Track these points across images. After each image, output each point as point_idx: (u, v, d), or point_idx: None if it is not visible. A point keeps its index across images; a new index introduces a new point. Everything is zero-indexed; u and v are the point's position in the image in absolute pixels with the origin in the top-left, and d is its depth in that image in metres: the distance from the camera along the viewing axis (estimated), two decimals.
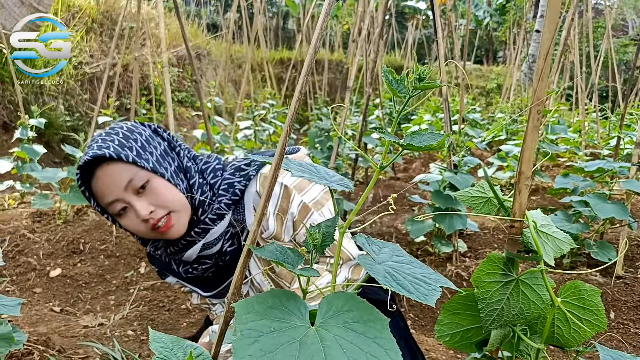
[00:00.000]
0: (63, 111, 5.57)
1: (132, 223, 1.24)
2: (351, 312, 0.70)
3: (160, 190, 1.23)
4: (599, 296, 1.10)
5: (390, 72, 0.86)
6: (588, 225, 2.89)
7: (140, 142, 1.25)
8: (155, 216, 1.22)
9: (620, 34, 19.06)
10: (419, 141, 0.82)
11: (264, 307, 0.69)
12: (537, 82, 1.02)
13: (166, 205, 1.24)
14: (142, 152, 1.23)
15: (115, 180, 1.20)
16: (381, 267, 0.79)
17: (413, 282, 0.77)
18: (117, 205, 1.23)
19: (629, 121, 5.91)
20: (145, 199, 1.22)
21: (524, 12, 10.52)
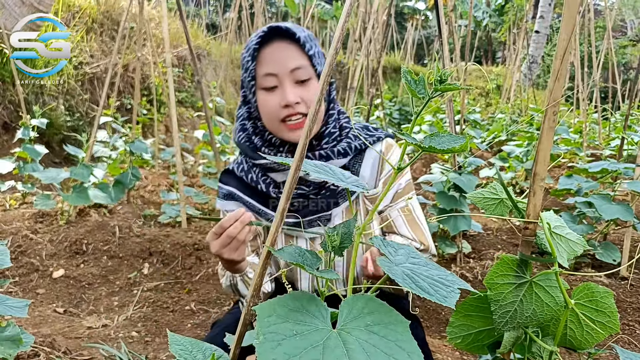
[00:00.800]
0: (63, 111, 5.55)
1: (272, 104, 1.28)
2: (372, 315, 0.70)
3: (314, 92, 1.28)
4: (612, 298, 1.10)
5: (410, 73, 0.85)
6: (592, 227, 2.89)
7: (317, 49, 1.32)
8: (297, 108, 1.27)
9: (619, 34, 19.10)
10: (439, 143, 0.81)
11: (286, 310, 0.68)
12: (554, 83, 1.01)
13: (310, 106, 1.29)
14: (317, 56, 1.30)
15: (288, 58, 1.26)
16: (399, 268, 0.79)
17: (432, 284, 0.76)
18: (271, 80, 1.27)
19: (630, 121, 5.92)
20: (298, 90, 1.27)
21: (524, 13, 10.52)
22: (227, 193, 1.46)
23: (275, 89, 1.28)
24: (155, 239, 3.16)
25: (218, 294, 2.75)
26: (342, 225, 0.85)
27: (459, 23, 14.85)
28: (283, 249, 0.82)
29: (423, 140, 0.85)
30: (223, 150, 4.54)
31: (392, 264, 0.80)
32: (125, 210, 3.62)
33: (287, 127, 1.29)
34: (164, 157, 4.85)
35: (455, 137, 0.82)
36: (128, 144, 3.65)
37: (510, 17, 12.95)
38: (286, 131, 1.30)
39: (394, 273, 0.75)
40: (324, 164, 0.91)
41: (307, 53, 1.26)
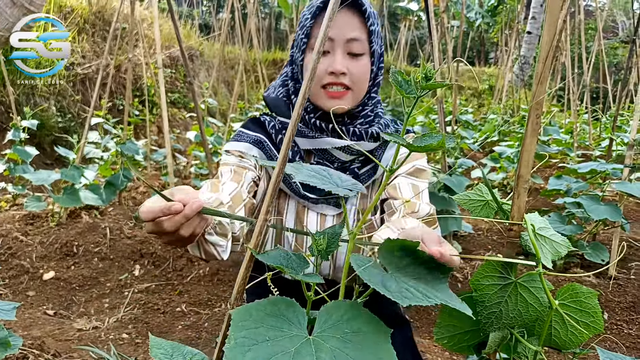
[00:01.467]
0: (55, 112, 5.53)
1: (326, 68, 1.25)
2: (351, 323, 0.69)
3: (363, 69, 1.26)
4: (596, 298, 1.11)
5: (400, 74, 0.86)
6: (581, 227, 2.91)
7: (378, 28, 1.29)
8: (342, 79, 1.24)
9: (611, 35, 19.20)
10: (420, 142, 0.82)
11: (262, 315, 0.68)
12: (536, 86, 1.02)
13: (355, 81, 1.26)
14: (376, 35, 1.27)
15: (348, 26, 1.23)
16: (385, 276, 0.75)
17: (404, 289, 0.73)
18: (325, 43, 1.25)
19: (619, 122, 5.96)
20: (348, 62, 1.24)
21: (516, 14, 10.57)
22: (257, 140, 1.35)
23: (326, 53, 1.25)
24: (147, 240, 3.16)
25: (209, 295, 2.75)
26: (329, 228, 0.84)
27: (451, 24, 14.90)
28: (267, 253, 0.80)
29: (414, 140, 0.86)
30: (215, 151, 4.53)
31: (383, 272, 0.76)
32: (117, 211, 3.61)
33: (326, 93, 1.26)
34: (156, 158, 4.85)
35: (432, 136, 0.83)
36: (119, 145, 3.64)
37: (503, 18, 13.01)
38: (325, 98, 1.27)
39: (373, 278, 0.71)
40: (321, 169, 0.89)
41: (369, 27, 1.24)
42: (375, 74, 1.32)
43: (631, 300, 2.53)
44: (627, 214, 3.74)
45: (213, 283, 2.87)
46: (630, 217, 3.90)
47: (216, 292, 2.78)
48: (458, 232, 3.36)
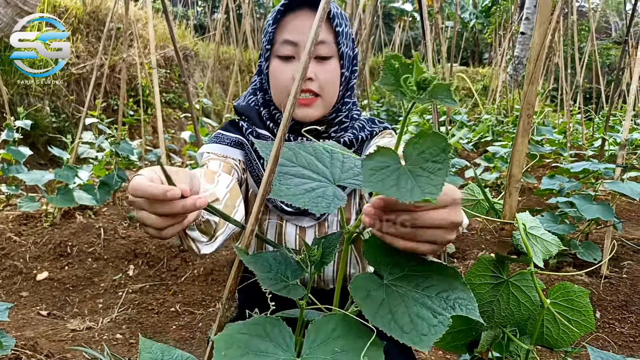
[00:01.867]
0: (49, 112, 5.52)
1: (285, 74, 1.19)
2: (341, 339, 0.65)
3: (332, 73, 1.20)
4: (587, 297, 1.12)
5: (396, 58, 0.82)
6: (574, 226, 2.92)
7: (347, 29, 1.23)
8: (309, 85, 1.18)
9: (604, 36, 19.30)
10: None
11: (247, 338, 0.64)
12: (527, 86, 1.03)
13: (323, 87, 1.20)
14: (345, 36, 1.21)
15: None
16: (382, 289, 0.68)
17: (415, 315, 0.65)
18: (289, 48, 1.18)
19: (612, 122, 6.00)
20: (315, 67, 1.18)
21: (510, 15, 10.61)
22: (238, 141, 1.28)
23: (292, 59, 1.19)
24: (141, 240, 3.15)
25: (204, 295, 2.75)
26: (324, 238, 0.79)
27: (445, 24, 14.93)
28: (256, 256, 0.77)
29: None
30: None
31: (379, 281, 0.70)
32: (111, 212, 3.60)
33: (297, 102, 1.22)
34: (151, 158, 4.84)
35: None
36: (114, 145, 3.64)
37: (497, 18, 13.06)
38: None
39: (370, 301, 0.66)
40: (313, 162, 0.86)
41: (335, 28, 1.17)
42: (348, 78, 1.27)
43: (623, 299, 2.55)
44: (619, 213, 3.76)
45: (207, 283, 2.87)
46: (622, 216, 3.93)
47: (210, 292, 2.78)
48: None
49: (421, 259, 0.75)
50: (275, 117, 1.27)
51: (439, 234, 0.69)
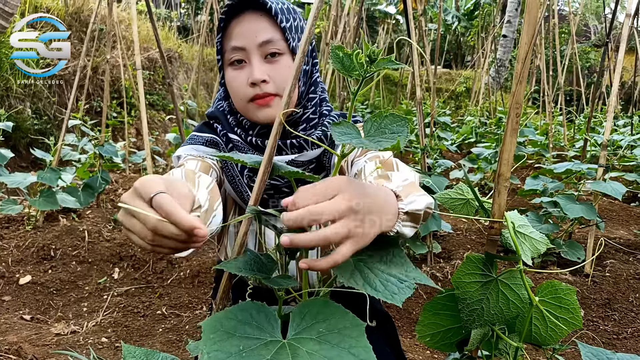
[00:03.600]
0: (30, 114, 5.44)
1: (239, 81, 1.17)
2: (325, 322, 0.67)
3: (285, 71, 1.17)
4: (574, 295, 1.13)
5: (340, 48, 0.82)
6: (558, 226, 2.96)
7: (296, 23, 1.20)
8: (264, 87, 1.15)
9: (583, 39, 19.61)
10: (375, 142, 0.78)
11: (233, 323, 0.65)
12: (516, 86, 1.04)
13: (279, 86, 1.17)
14: (293, 30, 1.18)
15: (257, 30, 1.15)
16: (350, 262, 0.73)
17: (384, 280, 0.72)
18: (238, 54, 1.17)
19: (593, 123, 6.09)
20: (267, 68, 1.16)
21: (492, 18, 10.73)
22: (212, 140, 1.26)
23: (243, 64, 1.17)
24: (126, 243, 3.12)
25: (190, 297, 2.73)
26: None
27: (428, 27, 15.04)
28: (237, 259, 0.78)
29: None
30: None
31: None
32: (95, 214, 3.56)
33: (255, 105, 1.17)
34: (135, 160, 4.80)
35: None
36: (97, 148, 3.60)
37: (479, 21, 13.19)
38: (254, 109, 1.18)
39: (342, 269, 0.71)
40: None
41: (280, 25, 1.15)
42: (309, 72, 1.24)
43: (606, 297, 2.59)
44: (600, 213, 3.82)
45: (194, 285, 2.85)
46: (603, 216, 3.99)
47: (197, 295, 2.76)
48: (437, 232, 3.39)
49: (376, 247, 0.78)
50: (243, 123, 1.25)
51: (340, 227, 0.68)
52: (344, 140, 0.75)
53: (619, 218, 4.14)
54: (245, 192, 1.24)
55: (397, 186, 0.93)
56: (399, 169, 1.17)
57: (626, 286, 2.65)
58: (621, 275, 2.73)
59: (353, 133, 0.78)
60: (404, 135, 0.78)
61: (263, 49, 1.15)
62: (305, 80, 1.23)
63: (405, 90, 10.40)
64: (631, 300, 2.56)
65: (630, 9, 2.98)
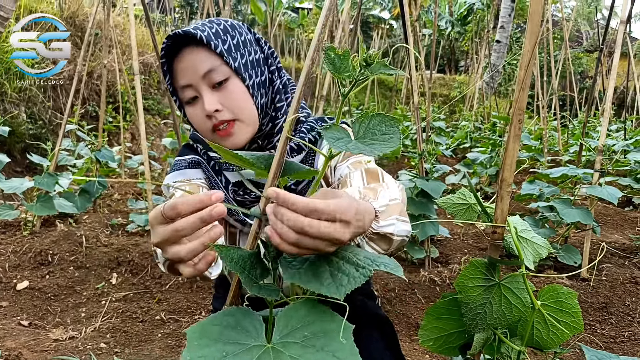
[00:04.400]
0: (25, 119, 5.42)
1: (197, 116, 1.18)
2: (311, 325, 0.66)
3: (235, 95, 1.16)
4: (575, 299, 1.14)
5: (332, 49, 0.81)
6: (554, 230, 2.98)
7: (236, 40, 1.18)
8: (219, 117, 1.15)
9: (575, 44, 19.76)
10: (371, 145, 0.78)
11: (219, 329, 0.65)
12: (519, 92, 1.06)
13: (234, 110, 1.16)
14: (233, 50, 1.16)
15: (196, 65, 1.14)
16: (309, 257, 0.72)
17: (336, 270, 0.69)
18: (189, 92, 1.17)
19: (587, 128, 6.13)
20: (217, 96, 1.15)
21: (486, 23, 10.80)
22: (194, 161, 1.29)
23: (197, 99, 1.17)
24: (124, 248, 3.12)
25: (189, 302, 2.73)
26: None
27: (422, 32, 15.12)
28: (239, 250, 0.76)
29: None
30: None
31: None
32: (92, 219, 3.55)
33: (218, 135, 1.18)
34: (130, 165, 4.79)
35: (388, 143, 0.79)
36: (94, 152, 3.59)
37: (473, 27, 13.27)
38: (220, 140, 1.18)
39: (284, 264, 0.71)
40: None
41: (215, 51, 1.13)
42: (269, 81, 1.23)
43: (603, 301, 2.61)
44: (595, 217, 3.85)
45: (192, 290, 2.85)
46: (598, 220, 4.02)
47: (196, 300, 2.75)
48: (435, 237, 3.41)
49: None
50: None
51: (321, 245, 0.69)
52: (340, 146, 0.73)
53: (613, 222, 4.17)
54: (239, 215, 1.26)
55: (381, 205, 0.94)
56: (384, 180, 1.16)
57: (622, 290, 2.67)
58: (617, 279, 2.75)
59: (345, 137, 0.77)
60: (395, 136, 0.77)
61: (208, 80, 1.14)
62: (265, 90, 1.22)
63: (400, 95, 10.44)
64: (628, 304, 2.59)
65: (623, 15, 3.01)
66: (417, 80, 5.46)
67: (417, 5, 6.86)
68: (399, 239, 0.98)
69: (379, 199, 0.97)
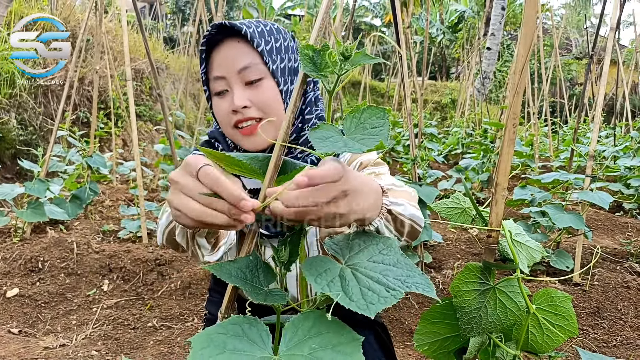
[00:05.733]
0: (15, 125, 5.38)
1: (223, 109, 1.17)
2: (319, 337, 0.65)
3: (267, 93, 1.15)
4: (570, 302, 1.15)
5: (310, 47, 0.79)
6: (546, 235, 3.00)
7: (279, 44, 1.18)
8: (246, 113, 1.14)
9: (565, 52, 19.97)
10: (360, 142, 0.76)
11: (224, 338, 0.64)
12: (513, 97, 1.06)
13: (263, 109, 1.15)
14: (274, 52, 1.17)
15: (235, 58, 1.14)
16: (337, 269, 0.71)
17: (366, 288, 0.67)
18: (220, 83, 1.16)
19: (577, 134, 6.18)
20: (249, 93, 1.15)
21: (477, 30, 10.88)
22: None
23: (226, 93, 1.17)
24: (115, 254, 3.09)
25: (181, 309, 2.71)
26: (290, 237, 0.79)
27: (414, 39, 15.21)
28: (235, 261, 0.76)
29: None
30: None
31: (333, 263, 0.72)
32: (83, 226, 3.52)
33: (240, 132, 1.17)
34: (122, 171, 4.76)
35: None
36: (86, 158, 3.57)
37: (464, 34, 13.37)
38: (240, 138, 1.18)
39: (322, 278, 0.68)
40: None
41: (257, 49, 1.13)
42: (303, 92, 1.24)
43: (595, 305, 2.62)
44: (587, 222, 3.87)
45: (185, 297, 2.83)
46: (590, 225, 4.04)
47: (188, 306, 2.74)
48: (428, 242, 3.41)
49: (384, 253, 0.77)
50: (237, 149, 1.25)
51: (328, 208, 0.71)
52: (325, 147, 0.72)
53: (604, 227, 4.20)
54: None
55: (387, 184, 0.94)
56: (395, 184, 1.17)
57: (614, 294, 2.69)
58: (609, 284, 2.76)
59: (334, 136, 0.75)
60: (385, 128, 0.76)
61: (242, 76, 1.15)
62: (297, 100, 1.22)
63: (392, 101, 10.47)
64: (620, 308, 2.60)
65: (613, 22, 3.05)
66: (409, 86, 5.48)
67: (409, 12, 6.91)
68: (410, 222, 0.96)
69: (383, 180, 0.98)
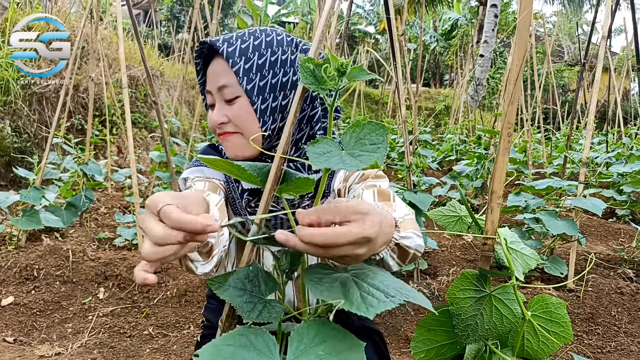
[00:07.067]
0: (10, 132, 5.36)
1: (211, 120, 1.22)
2: (324, 344, 0.67)
3: (240, 112, 1.17)
4: (565, 309, 1.16)
5: (311, 60, 0.79)
6: (540, 242, 3.02)
7: (264, 60, 1.18)
8: (223, 128, 1.19)
9: (557, 59, 20.12)
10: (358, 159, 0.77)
11: (232, 350, 0.65)
12: (508, 106, 1.08)
13: (238, 125, 1.18)
14: (254, 70, 1.16)
15: (216, 75, 1.18)
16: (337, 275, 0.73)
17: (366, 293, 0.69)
18: (209, 97, 1.22)
19: (570, 141, 6.23)
20: (227, 109, 1.18)
21: (470, 38, 10.96)
22: None
23: (214, 106, 1.22)
24: (111, 262, 3.09)
25: (177, 317, 2.71)
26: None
27: (407, 47, 15.29)
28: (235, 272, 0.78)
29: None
30: (178, 171, 4.49)
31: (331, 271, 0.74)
32: (79, 233, 3.52)
33: (222, 140, 1.21)
34: (117, 178, 4.76)
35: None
36: (81, 166, 3.57)
37: (457, 41, 13.46)
38: (224, 148, 1.22)
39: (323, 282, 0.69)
40: None
41: (232, 68, 1.14)
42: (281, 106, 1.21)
43: (589, 311, 2.64)
44: (580, 228, 3.90)
45: (181, 304, 2.82)
46: (583, 231, 4.07)
47: (184, 314, 2.73)
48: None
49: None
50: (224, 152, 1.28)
51: (348, 250, 0.69)
52: (322, 162, 0.72)
53: (597, 233, 4.23)
54: (244, 214, 1.26)
55: (399, 217, 0.95)
56: (394, 201, 1.15)
57: (608, 300, 2.71)
58: (603, 290, 2.78)
59: (332, 151, 0.75)
60: (382, 146, 0.76)
61: (221, 94, 1.18)
62: (283, 116, 1.21)
63: (387, 108, 10.51)
64: (614, 314, 2.62)
65: (605, 30, 3.09)
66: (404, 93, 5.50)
67: (403, 20, 6.95)
68: (413, 252, 0.98)
69: (397, 212, 0.98)
